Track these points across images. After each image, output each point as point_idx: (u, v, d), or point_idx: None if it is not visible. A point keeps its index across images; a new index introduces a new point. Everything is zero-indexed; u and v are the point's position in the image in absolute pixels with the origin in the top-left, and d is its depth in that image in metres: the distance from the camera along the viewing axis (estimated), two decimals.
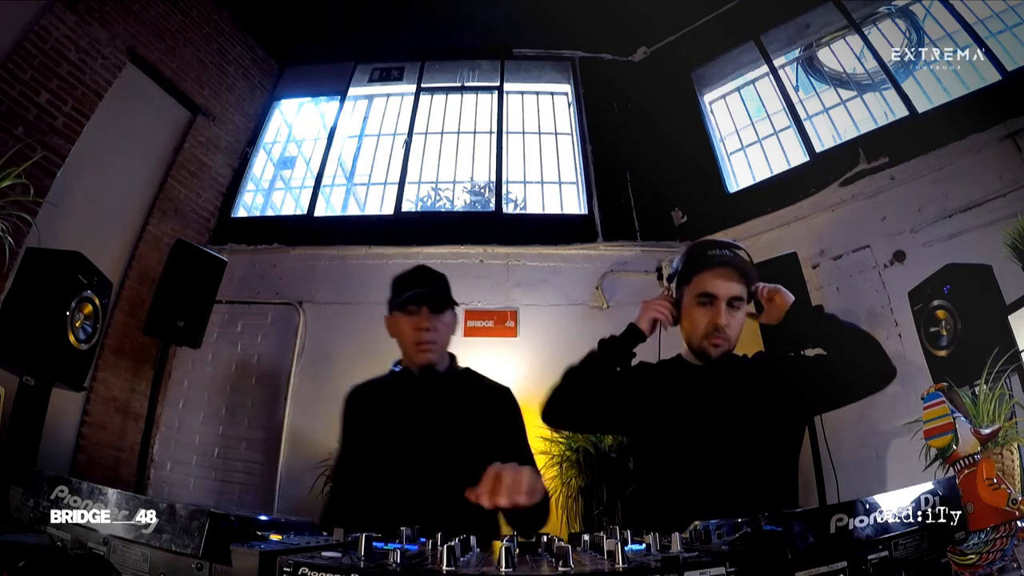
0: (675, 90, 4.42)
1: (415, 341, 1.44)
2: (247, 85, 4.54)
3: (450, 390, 1.49)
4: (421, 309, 1.45)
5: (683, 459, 1.32)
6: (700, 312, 1.34)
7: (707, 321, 1.33)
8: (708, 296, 1.33)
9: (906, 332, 2.78)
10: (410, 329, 1.45)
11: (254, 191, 4.65)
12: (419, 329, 1.44)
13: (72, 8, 3.18)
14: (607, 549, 0.60)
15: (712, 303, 1.33)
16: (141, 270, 3.61)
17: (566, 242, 3.92)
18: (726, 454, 1.27)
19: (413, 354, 1.45)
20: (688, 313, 1.37)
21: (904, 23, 3.73)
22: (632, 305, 1.52)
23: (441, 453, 1.39)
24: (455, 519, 1.25)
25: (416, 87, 4.77)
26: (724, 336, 1.33)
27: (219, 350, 3.75)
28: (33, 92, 2.97)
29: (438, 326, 1.46)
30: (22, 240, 2.64)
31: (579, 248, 3.91)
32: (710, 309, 1.33)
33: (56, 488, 0.81)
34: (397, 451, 1.41)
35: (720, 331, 1.32)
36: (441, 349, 1.49)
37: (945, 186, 3.01)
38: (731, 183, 4.10)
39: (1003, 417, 1.53)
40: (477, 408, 1.49)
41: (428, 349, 1.45)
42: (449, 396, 1.48)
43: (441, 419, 1.44)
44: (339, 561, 0.57)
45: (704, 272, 1.34)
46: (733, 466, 1.25)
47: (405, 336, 1.46)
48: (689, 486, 1.29)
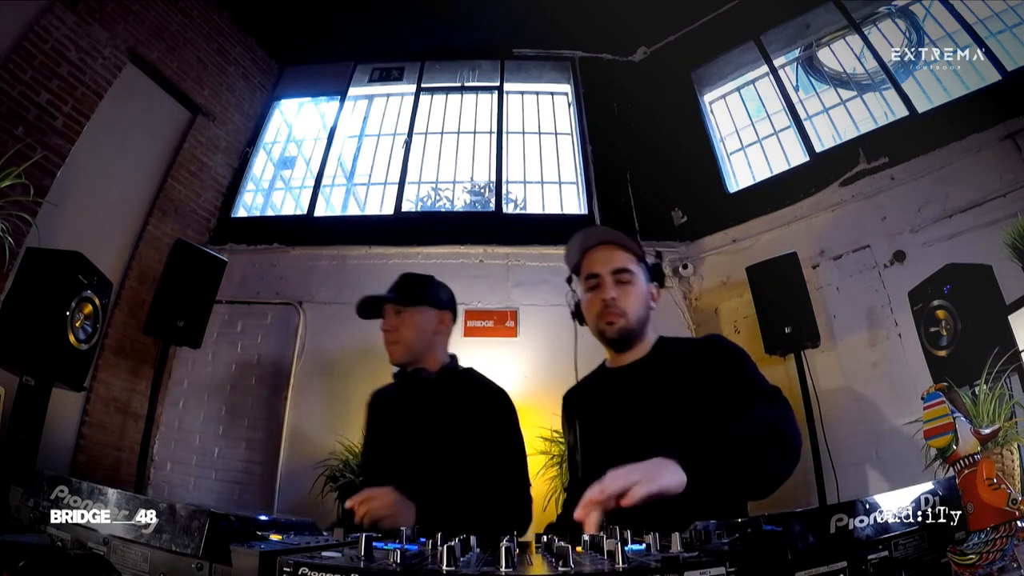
0: (675, 90, 4.42)
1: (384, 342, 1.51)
2: (247, 85, 4.54)
3: (436, 391, 1.50)
4: (384, 310, 1.52)
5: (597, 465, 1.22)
6: (590, 296, 1.29)
7: (597, 300, 1.27)
8: (593, 276, 1.29)
9: (906, 332, 2.78)
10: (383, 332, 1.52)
11: (254, 191, 4.65)
12: (383, 330, 1.51)
13: (72, 8, 3.18)
14: (607, 549, 0.60)
15: (598, 281, 1.28)
16: (141, 270, 3.61)
17: (566, 242, 3.89)
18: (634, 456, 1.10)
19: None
20: (584, 304, 1.32)
21: (904, 23, 3.73)
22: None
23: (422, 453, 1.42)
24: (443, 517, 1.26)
25: (416, 87, 4.78)
26: (616, 310, 1.25)
27: (219, 350, 3.74)
28: (33, 92, 2.97)
29: (398, 325, 1.49)
30: (22, 240, 2.64)
31: None
32: (598, 289, 1.28)
33: (56, 488, 0.81)
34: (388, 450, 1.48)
35: (611, 305, 1.25)
36: (410, 348, 1.50)
37: (945, 186, 3.01)
38: (731, 183, 4.10)
39: (1003, 417, 1.53)
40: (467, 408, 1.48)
41: (390, 350, 1.50)
42: (435, 396, 1.49)
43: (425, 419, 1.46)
44: (339, 561, 0.57)
45: (584, 259, 1.32)
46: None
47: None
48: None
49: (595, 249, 1.31)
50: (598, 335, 1.31)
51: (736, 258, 3.60)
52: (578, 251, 1.33)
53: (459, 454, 1.42)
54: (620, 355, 1.32)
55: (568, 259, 1.37)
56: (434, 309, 1.54)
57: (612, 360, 1.35)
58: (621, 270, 1.27)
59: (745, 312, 3.41)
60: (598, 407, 1.32)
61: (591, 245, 1.32)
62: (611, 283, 1.26)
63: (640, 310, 1.28)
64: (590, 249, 1.32)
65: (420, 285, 1.58)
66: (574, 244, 1.35)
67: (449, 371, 1.55)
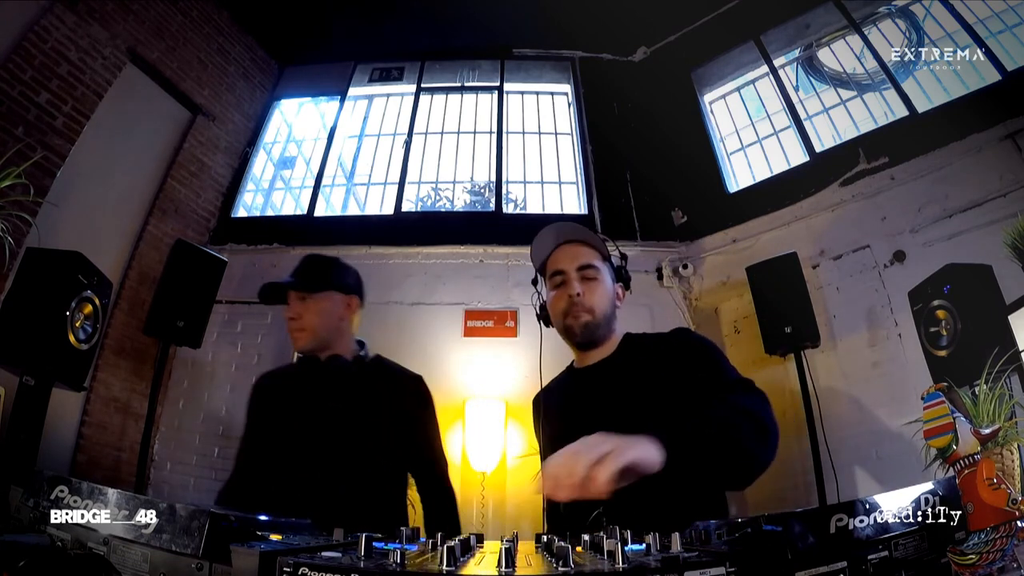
0: (675, 90, 4.42)
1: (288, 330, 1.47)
2: (247, 85, 4.54)
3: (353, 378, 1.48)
4: (289, 296, 1.48)
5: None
6: (556, 294, 1.28)
7: (563, 296, 1.25)
8: (559, 273, 1.27)
9: (906, 332, 2.78)
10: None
11: (254, 191, 4.65)
12: (286, 317, 1.47)
13: (72, 8, 3.18)
14: (607, 549, 0.60)
15: (564, 278, 1.26)
16: (141, 270, 3.61)
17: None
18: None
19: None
20: (550, 302, 1.30)
21: (904, 23, 3.73)
22: (631, 304, 1.50)
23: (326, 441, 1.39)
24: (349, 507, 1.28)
25: (416, 87, 4.78)
26: (582, 306, 1.23)
27: (219, 350, 3.74)
28: (33, 92, 2.97)
29: (303, 312, 1.45)
30: (22, 240, 2.64)
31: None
32: (563, 286, 1.26)
33: (56, 488, 0.81)
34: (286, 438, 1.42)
35: (577, 303, 1.23)
36: (316, 335, 1.46)
37: (945, 186, 3.01)
38: (731, 183, 4.10)
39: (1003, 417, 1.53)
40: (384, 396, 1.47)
41: (295, 337, 1.46)
42: (351, 384, 1.46)
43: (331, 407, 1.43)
44: (339, 561, 0.57)
45: (549, 257, 1.30)
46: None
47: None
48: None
49: (560, 247, 1.29)
50: (564, 333, 1.29)
51: (736, 258, 3.60)
52: (543, 251, 1.31)
53: (378, 443, 1.42)
54: (586, 353, 1.31)
55: (534, 258, 1.35)
56: (340, 294, 1.50)
57: (579, 360, 1.34)
58: (586, 266, 1.26)
59: (745, 312, 3.41)
60: (568, 407, 1.29)
61: (557, 244, 1.30)
62: (576, 279, 1.25)
63: (606, 307, 1.26)
64: (555, 248, 1.30)
65: (325, 268, 1.54)
66: (539, 243, 1.33)
67: (362, 358, 1.53)
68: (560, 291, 1.26)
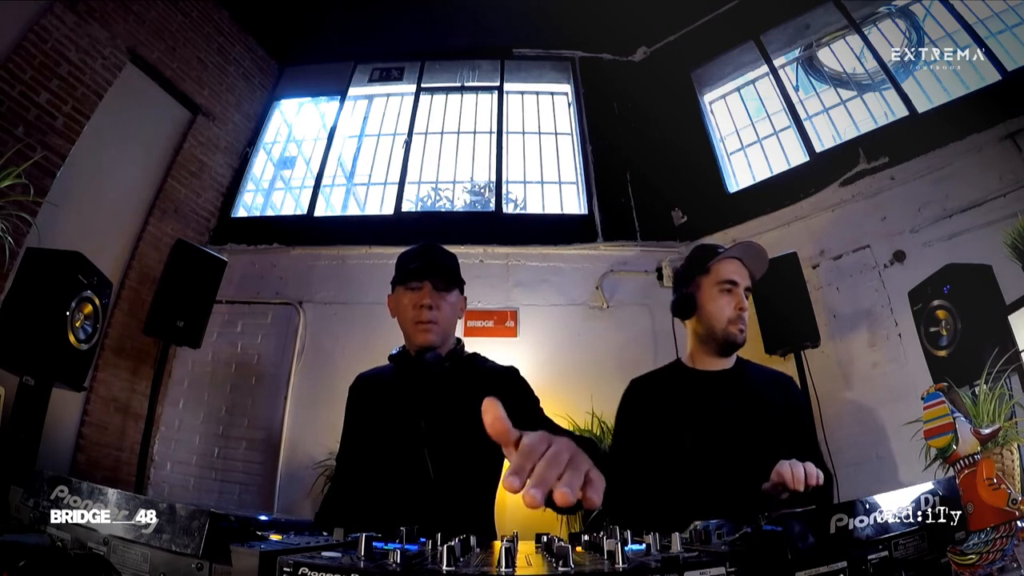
0: (675, 90, 4.42)
1: (415, 320, 1.30)
2: (247, 85, 4.54)
3: (449, 374, 1.34)
4: (424, 285, 1.32)
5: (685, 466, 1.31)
6: (725, 299, 1.39)
7: (734, 305, 1.38)
8: (731, 283, 1.39)
9: (906, 332, 2.78)
10: (411, 307, 1.31)
11: (254, 191, 4.65)
12: (420, 306, 1.29)
13: (72, 8, 3.18)
14: (607, 549, 0.60)
15: (734, 289, 1.39)
16: (141, 270, 3.61)
17: (566, 242, 3.92)
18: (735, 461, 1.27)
19: (412, 334, 1.32)
20: (711, 301, 1.40)
21: (904, 23, 3.73)
22: (632, 305, 1.52)
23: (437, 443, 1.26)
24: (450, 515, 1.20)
25: (416, 87, 4.78)
26: (744, 320, 1.38)
27: (219, 350, 3.75)
28: (33, 92, 2.97)
29: (441, 304, 1.32)
30: (22, 240, 2.64)
31: (579, 248, 3.91)
32: (733, 296, 1.39)
33: (56, 488, 0.81)
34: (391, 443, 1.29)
35: (743, 317, 1.38)
36: (444, 331, 1.34)
37: (945, 186, 3.01)
38: (731, 183, 4.10)
39: (1003, 417, 1.53)
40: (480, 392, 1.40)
41: (428, 329, 1.30)
42: (448, 381, 1.33)
43: (438, 405, 1.30)
44: (339, 561, 0.57)
45: (723, 261, 1.42)
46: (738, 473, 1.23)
47: (405, 314, 1.32)
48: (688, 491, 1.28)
49: (732, 260, 1.43)
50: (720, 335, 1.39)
51: None
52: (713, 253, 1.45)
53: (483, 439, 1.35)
54: (714, 359, 1.42)
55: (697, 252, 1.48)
56: (460, 293, 1.42)
57: (699, 362, 1.44)
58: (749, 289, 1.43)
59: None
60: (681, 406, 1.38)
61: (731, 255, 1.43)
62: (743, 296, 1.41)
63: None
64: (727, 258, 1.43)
65: (455, 264, 1.42)
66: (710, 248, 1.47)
67: (457, 354, 1.40)
68: (729, 298, 1.40)
